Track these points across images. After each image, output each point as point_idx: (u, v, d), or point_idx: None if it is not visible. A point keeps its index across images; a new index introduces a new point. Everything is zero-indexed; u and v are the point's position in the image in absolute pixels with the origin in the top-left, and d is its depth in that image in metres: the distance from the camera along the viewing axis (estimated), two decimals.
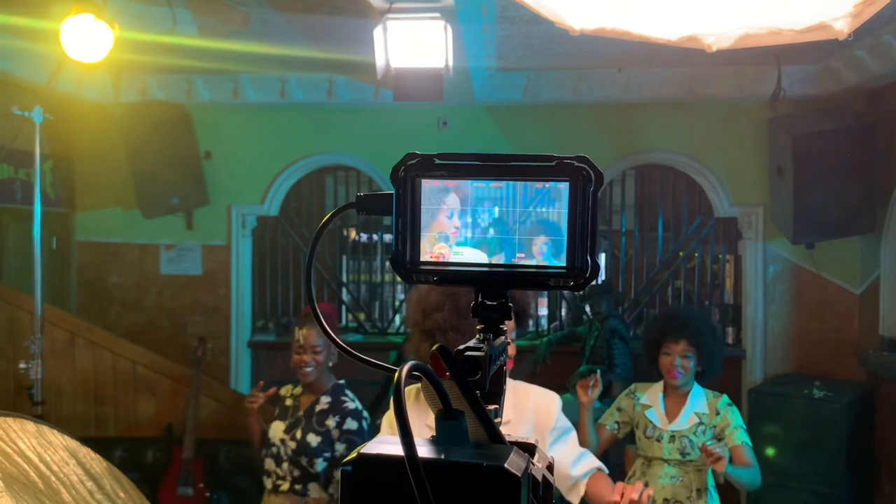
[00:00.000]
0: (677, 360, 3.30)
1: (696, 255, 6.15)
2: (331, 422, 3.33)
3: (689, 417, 3.30)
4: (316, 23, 4.36)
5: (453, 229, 0.74)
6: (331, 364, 3.50)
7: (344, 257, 6.96)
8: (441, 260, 0.74)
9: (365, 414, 3.46)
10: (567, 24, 2.09)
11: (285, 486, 3.34)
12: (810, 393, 5.02)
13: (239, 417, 4.99)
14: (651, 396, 3.41)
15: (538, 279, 0.75)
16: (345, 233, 6.91)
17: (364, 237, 6.53)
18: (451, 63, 3.58)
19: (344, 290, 6.53)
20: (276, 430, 3.41)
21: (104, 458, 0.63)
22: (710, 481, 3.30)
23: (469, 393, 0.62)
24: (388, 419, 2.40)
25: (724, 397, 3.36)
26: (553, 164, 0.73)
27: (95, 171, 5.81)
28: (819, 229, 5.13)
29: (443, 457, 0.59)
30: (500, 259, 0.74)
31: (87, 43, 3.62)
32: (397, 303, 6.56)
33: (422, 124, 5.68)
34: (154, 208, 5.54)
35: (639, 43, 4.35)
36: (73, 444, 0.64)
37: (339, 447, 3.32)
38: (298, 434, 3.33)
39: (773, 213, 5.48)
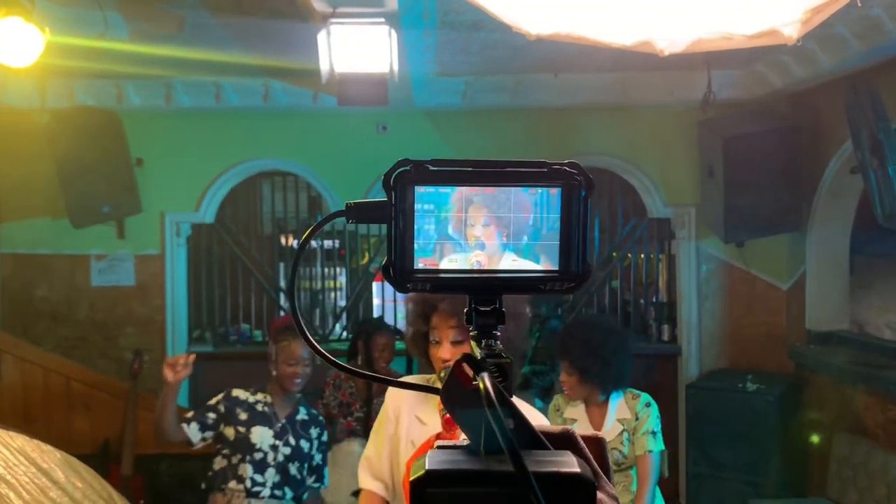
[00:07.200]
0: (565, 377, 3.37)
1: (631, 255, 6.30)
2: (313, 432, 3.49)
3: (613, 426, 3.32)
4: (252, 27, 4.29)
5: (448, 236, 0.74)
6: None
7: (282, 265, 6.87)
8: (434, 267, 0.74)
9: None
10: (523, 29, 2.12)
11: (266, 491, 3.36)
12: (744, 387, 5.20)
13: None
14: (574, 409, 3.42)
15: (532, 283, 0.76)
16: (283, 240, 6.82)
17: (314, 244, 6.46)
18: (395, 68, 3.58)
19: (282, 298, 6.44)
20: (263, 436, 3.38)
21: (56, 448, 0.61)
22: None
23: (506, 399, 0.60)
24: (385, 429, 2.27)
25: (644, 396, 3.35)
26: (545, 169, 0.75)
27: (20, 180, 5.57)
28: (749, 228, 5.32)
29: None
30: (493, 264, 0.75)
31: (15, 47, 3.47)
32: (338, 309, 6.51)
33: (361, 129, 5.66)
34: (84, 217, 5.33)
35: (574, 48, 4.41)
36: (20, 440, 0.61)
37: (318, 457, 3.51)
38: (292, 440, 3.40)
39: (704, 213, 5.65)
